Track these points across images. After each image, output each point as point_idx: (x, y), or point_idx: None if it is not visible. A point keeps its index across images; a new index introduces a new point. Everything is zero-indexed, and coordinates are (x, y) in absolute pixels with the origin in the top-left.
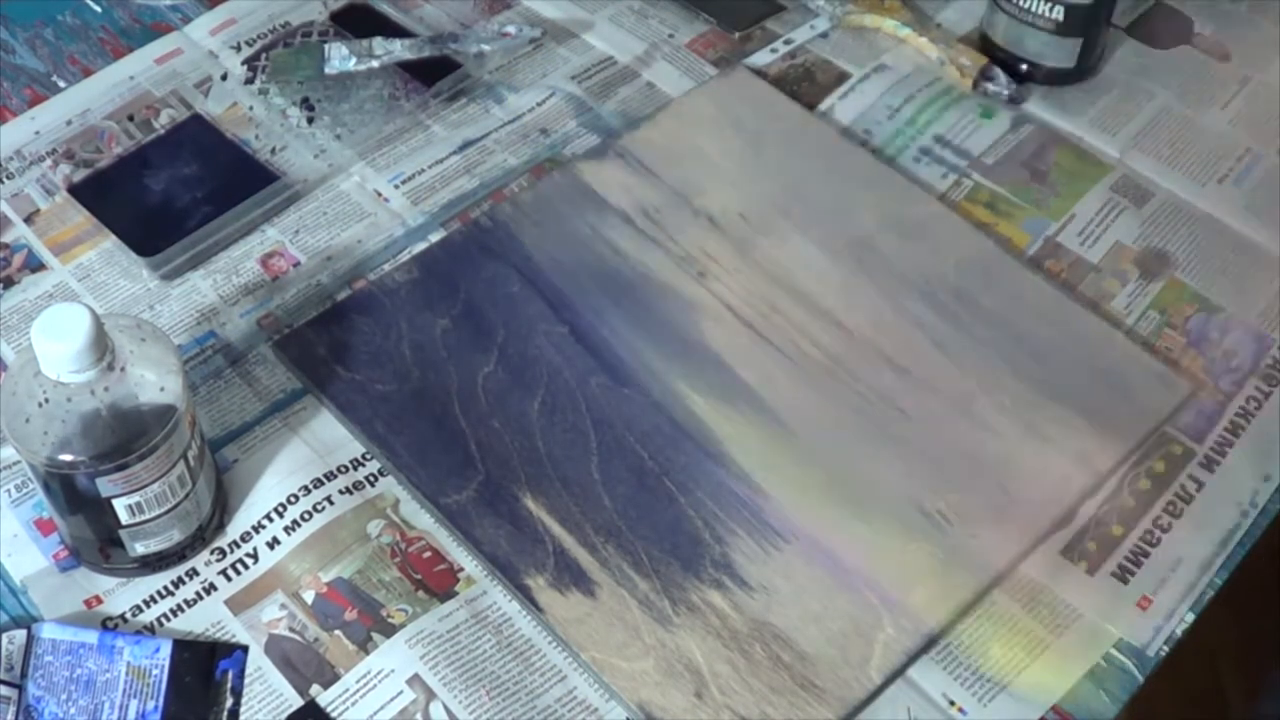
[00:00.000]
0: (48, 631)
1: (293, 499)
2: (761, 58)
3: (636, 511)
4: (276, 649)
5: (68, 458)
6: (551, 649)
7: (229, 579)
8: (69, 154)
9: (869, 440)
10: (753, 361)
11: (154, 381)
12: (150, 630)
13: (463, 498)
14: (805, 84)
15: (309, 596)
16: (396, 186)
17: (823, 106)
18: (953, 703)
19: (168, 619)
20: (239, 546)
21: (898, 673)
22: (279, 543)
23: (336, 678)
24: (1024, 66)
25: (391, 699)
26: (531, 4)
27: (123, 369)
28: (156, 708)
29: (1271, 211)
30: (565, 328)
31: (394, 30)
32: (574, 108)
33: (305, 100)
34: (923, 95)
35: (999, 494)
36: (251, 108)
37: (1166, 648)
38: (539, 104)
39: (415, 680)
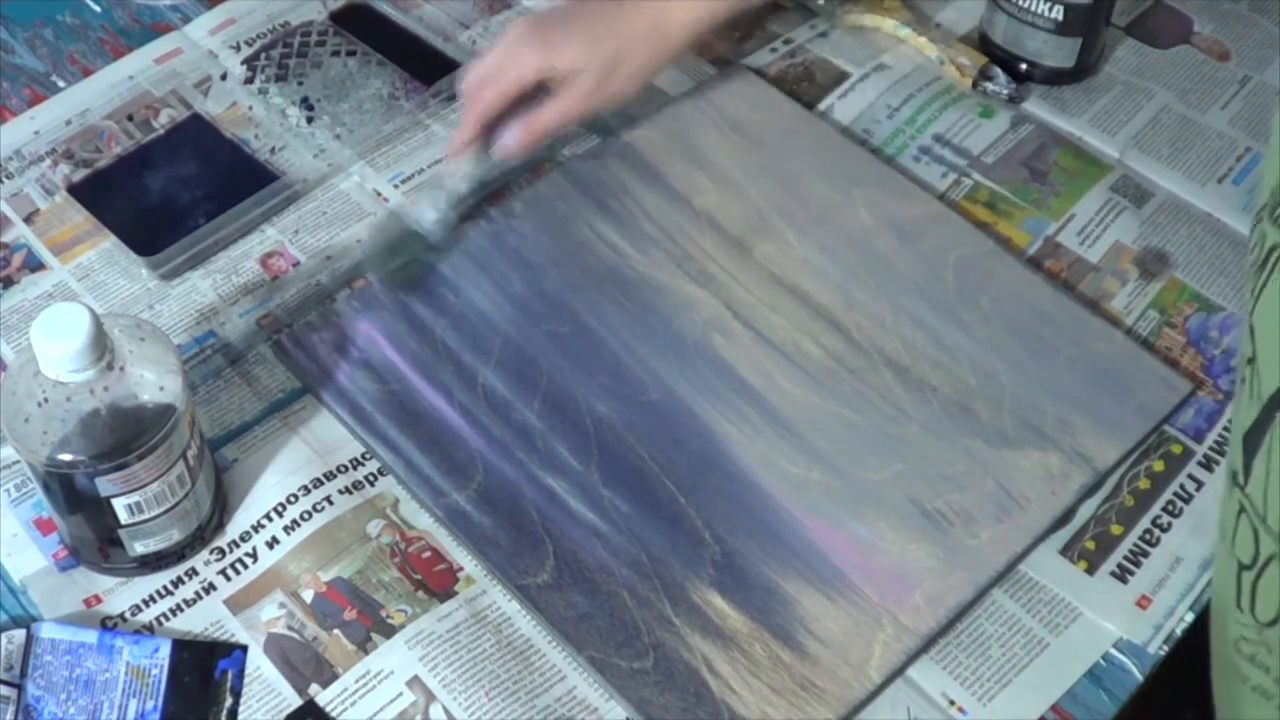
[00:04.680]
0: (47, 631)
1: (292, 499)
2: (761, 57)
3: (636, 511)
4: (275, 648)
5: (67, 457)
6: (551, 649)
7: (228, 578)
8: (68, 154)
9: (869, 440)
10: (753, 361)
11: (153, 381)
12: (149, 630)
13: (462, 498)
14: (805, 83)
15: (308, 596)
16: (396, 186)
17: (822, 106)
18: (952, 702)
19: (167, 618)
20: (238, 546)
21: (897, 672)
22: (278, 542)
23: (335, 677)
24: (1023, 66)
25: (391, 701)
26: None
27: (122, 368)
28: (156, 707)
29: None
30: (565, 328)
31: (393, 30)
32: None
33: (305, 100)
34: (922, 95)
35: (999, 494)
36: (251, 107)
37: (1166, 647)
38: None
39: (415, 682)
